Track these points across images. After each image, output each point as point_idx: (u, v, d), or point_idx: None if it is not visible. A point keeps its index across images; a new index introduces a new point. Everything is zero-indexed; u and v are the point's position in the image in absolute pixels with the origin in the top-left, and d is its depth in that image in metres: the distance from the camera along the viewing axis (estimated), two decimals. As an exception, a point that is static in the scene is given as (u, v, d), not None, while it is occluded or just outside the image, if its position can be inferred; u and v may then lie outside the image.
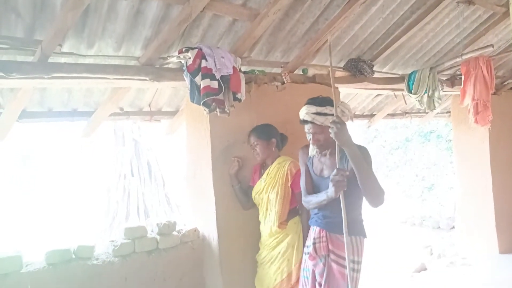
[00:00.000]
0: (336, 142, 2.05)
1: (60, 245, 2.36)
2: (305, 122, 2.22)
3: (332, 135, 2.02)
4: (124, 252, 2.52)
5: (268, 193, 2.58)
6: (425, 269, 4.76)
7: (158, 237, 2.67)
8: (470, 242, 4.91)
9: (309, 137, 2.23)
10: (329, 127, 2.04)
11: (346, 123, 2.08)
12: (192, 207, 3.02)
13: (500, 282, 3.92)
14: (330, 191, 2.07)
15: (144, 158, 10.58)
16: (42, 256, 2.28)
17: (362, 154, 2.05)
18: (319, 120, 2.15)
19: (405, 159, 8.94)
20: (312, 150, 2.28)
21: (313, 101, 2.21)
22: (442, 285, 4.17)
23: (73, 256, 2.38)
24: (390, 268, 4.93)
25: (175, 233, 2.76)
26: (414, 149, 8.94)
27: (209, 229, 2.80)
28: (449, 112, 5.50)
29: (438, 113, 5.53)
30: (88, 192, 9.41)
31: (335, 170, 2.05)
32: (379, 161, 9.23)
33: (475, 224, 4.84)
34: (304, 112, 2.20)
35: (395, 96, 4.45)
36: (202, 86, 2.29)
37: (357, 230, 2.21)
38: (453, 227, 5.72)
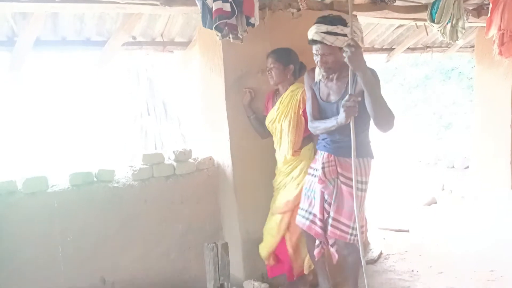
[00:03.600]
0: (350, 67, 2.01)
1: (82, 169, 2.48)
2: (313, 42, 2.13)
3: (345, 59, 1.97)
4: (143, 177, 2.64)
5: (281, 122, 2.59)
6: (435, 202, 4.85)
7: (174, 164, 2.77)
8: (484, 179, 4.92)
9: (316, 59, 2.17)
10: (339, 48, 1.99)
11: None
12: (207, 137, 3.08)
13: (511, 215, 4.00)
14: (341, 117, 2.07)
15: (160, 97, 10.64)
16: (66, 178, 2.41)
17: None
18: (329, 40, 2.07)
19: (423, 97, 8.75)
20: (318, 74, 2.24)
21: (323, 20, 2.11)
22: (452, 217, 4.28)
23: (95, 179, 2.51)
24: (401, 201, 5.05)
25: (191, 160, 2.85)
26: (433, 87, 8.70)
27: (224, 158, 2.88)
28: (473, 46, 5.25)
29: (460, 47, 5.29)
30: (105, 125, 9.65)
31: (347, 96, 2.04)
32: (397, 99, 9.07)
33: (490, 161, 4.82)
34: (313, 31, 2.11)
35: (417, 27, 4.24)
36: (214, 9, 2.23)
37: (364, 152, 2.25)
38: (468, 167, 5.72)
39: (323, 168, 2.26)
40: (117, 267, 2.54)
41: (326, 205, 2.30)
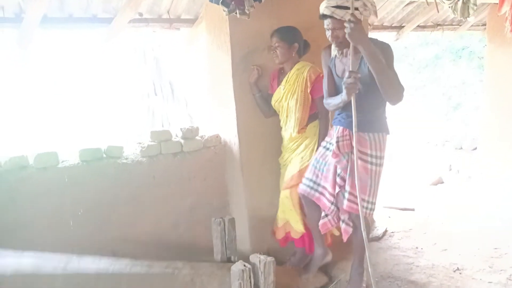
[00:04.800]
0: (351, 43, 2.03)
1: (92, 145, 2.52)
2: (324, 16, 2.15)
3: (346, 36, 1.99)
4: (151, 153, 2.67)
5: (287, 100, 2.60)
6: (442, 182, 4.86)
7: (182, 141, 2.80)
8: (491, 160, 4.90)
9: (328, 33, 2.19)
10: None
11: (370, 17, 2.02)
12: (213, 115, 3.10)
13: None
14: (343, 94, 2.10)
15: (166, 77, 10.61)
16: (76, 154, 2.45)
17: (383, 51, 2.03)
18: (339, 14, 2.08)
19: (433, 78, 8.63)
20: (334, 50, 2.25)
21: None
22: (458, 197, 4.29)
23: (104, 155, 2.55)
24: (407, 181, 5.06)
25: (198, 138, 2.88)
26: (443, 67, 8.56)
27: (230, 135, 2.90)
28: (485, 24, 5.14)
29: (472, 25, 5.18)
30: (113, 103, 9.68)
31: (347, 73, 2.05)
32: (406, 80, 8.97)
33: (498, 142, 4.79)
34: (324, 6, 2.13)
35: (427, 3, 4.14)
36: (220, -17, 2.21)
37: (380, 127, 2.28)
38: (476, 148, 5.69)
39: (337, 142, 2.29)
40: (127, 240, 2.61)
41: (338, 180, 2.33)
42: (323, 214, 2.45)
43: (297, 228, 2.65)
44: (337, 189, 2.35)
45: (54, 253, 1.87)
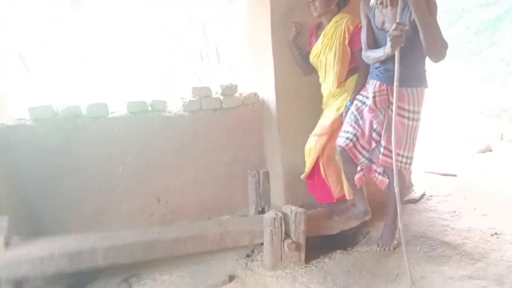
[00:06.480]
0: None
1: (138, 98, 2.69)
2: None
3: None
4: (192, 108, 2.81)
5: (326, 55, 2.58)
6: (490, 150, 4.64)
7: (221, 98, 2.90)
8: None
9: None
10: None
11: None
12: (252, 73, 3.16)
13: None
14: (387, 47, 2.05)
15: (212, 42, 10.73)
16: (124, 106, 2.64)
17: (427, 2, 1.95)
18: None
19: (491, 41, 7.99)
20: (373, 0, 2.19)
21: None
22: (505, 165, 4.09)
23: (149, 108, 2.72)
24: (453, 147, 4.89)
25: (236, 95, 2.97)
26: (504, 30, 7.88)
27: (268, 93, 2.96)
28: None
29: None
30: (160, 66, 9.97)
31: (394, 25, 1.99)
32: (461, 44, 8.38)
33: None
34: None
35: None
36: None
37: (418, 81, 2.24)
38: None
39: (374, 97, 2.28)
40: (170, 188, 2.81)
41: (374, 135, 2.34)
42: (358, 168, 2.48)
43: (306, 171, 2.72)
44: (373, 144, 2.36)
45: (93, 231, 2.07)
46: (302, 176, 2.79)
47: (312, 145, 2.66)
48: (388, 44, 2.03)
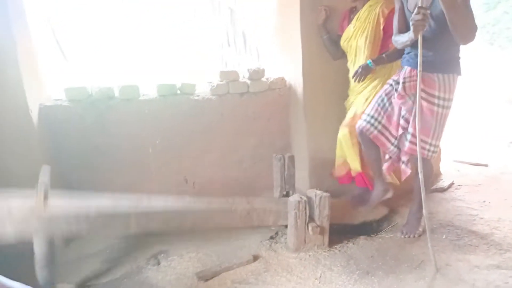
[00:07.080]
0: None
1: (168, 81, 2.75)
2: None
3: None
4: (220, 92, 2.85)
5: (357, 39, 2.55)
6: (525, 141, 4.47)
7: (248, 82, 2.93)
8: None
9: None
10: None
11: None
12: (280, 57, 3.16)
13: None
14: (410, 31, 2.02)
15: (240, 28, 10.68)
16: (154, 88, 2.71)
17: None
18: None
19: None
20: None
21: None
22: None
23: (178, 91, 2.78)
24: (484, 137, 4.74)
25: (263, 79, 2.98)
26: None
27: (295, 78, 2.96)
28: None
29: None
30: (188, 50, 10.05)
31: (416, 9, 1.95)
32: (498, 30, 8.01)
33: None
34: None
35: None
36: None
37: (451, 67, 2.19)
38: None
39: (403, 83, 2.24)
40: (197, 170, 2.89)
41: (402, 121, 2.31)
42: (387, 157, 2.46)
43: (354, 167, 2.68)
44: (400, 131, 2.34)
45: (128, 194, 2.12)
46: (356, 169, 2.71)
47: (343, 137, 2.63)
48: (411, 28, 2.00)
